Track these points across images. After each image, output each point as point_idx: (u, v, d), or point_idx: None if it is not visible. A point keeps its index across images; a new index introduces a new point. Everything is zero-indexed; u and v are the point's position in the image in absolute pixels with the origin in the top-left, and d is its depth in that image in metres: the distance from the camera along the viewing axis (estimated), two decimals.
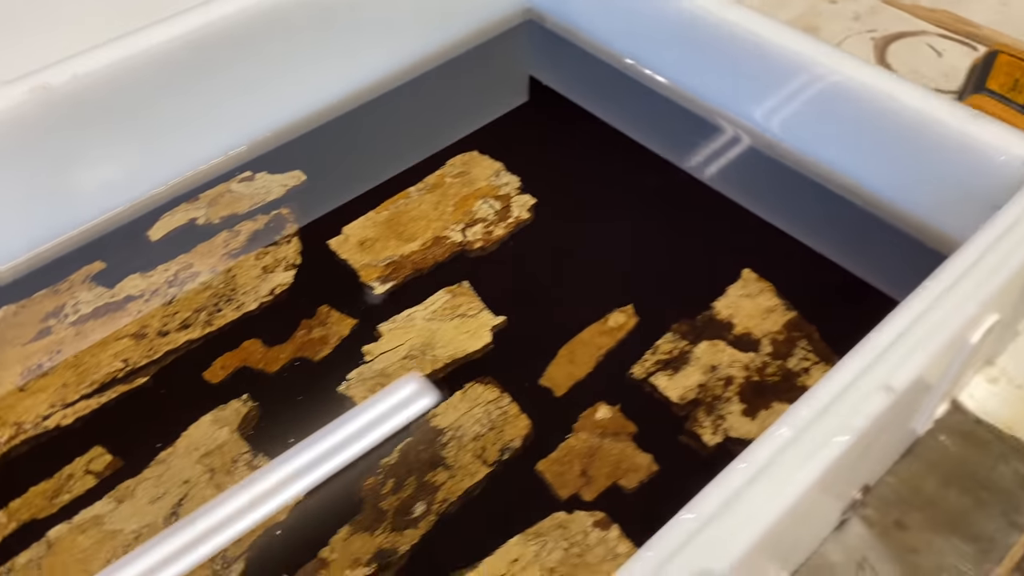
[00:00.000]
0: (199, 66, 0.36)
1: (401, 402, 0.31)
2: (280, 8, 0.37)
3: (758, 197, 0.38)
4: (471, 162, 0.40)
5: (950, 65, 0.51)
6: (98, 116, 0.34)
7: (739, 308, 0.33)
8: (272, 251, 0.36)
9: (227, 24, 0.36)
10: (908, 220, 0.36)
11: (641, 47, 0.42)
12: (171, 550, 0.27)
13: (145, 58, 0.35)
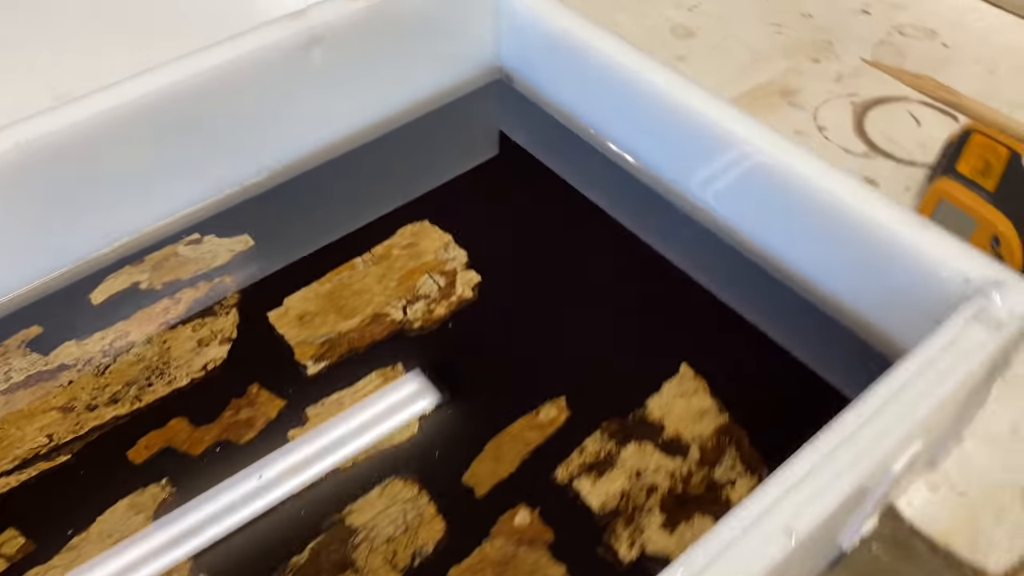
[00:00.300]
0: (149, 127, 0.36)
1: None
2: (238, 68, 0.37)
3: (708, 280, 0.37)
4: (421, 233, 0.39)
5: (928, 135, 0.50)
6: (43, 180, 0.34)
7: (672, 408, 0.33)
8: (210, 322, 0.36)
9: (185, 84, 0.36)
10: (852, 317, 0.35)
11: (597, 115, 0.42)
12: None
13: (93, 122, 0.34)
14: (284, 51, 0.38)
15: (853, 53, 0.56)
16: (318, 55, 0.39)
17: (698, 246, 0.39)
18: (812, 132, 0.50)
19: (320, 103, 0.41)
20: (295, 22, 0.38)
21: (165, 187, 0.38)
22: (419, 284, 0.37)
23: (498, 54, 0.46)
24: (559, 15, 0.41)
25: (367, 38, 0.40)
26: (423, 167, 0.43)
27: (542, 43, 0.43)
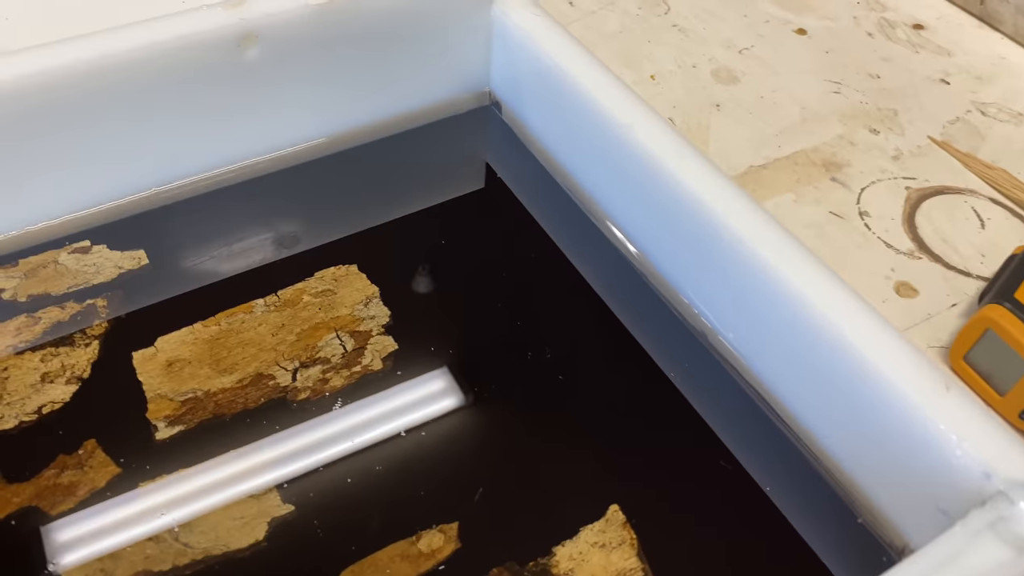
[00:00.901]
0: (47, 109, 0.30)
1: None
2: (157, 54, 0.31)
3: (687, 395, 0.30)
4: (344, 280, 0.33)
5: (991, 242, 0.42)
6: None
7: (584, 562, 0.26)
8: (64, 352, 0.30)
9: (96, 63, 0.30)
10: (850, 488, 0.27)
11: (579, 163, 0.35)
12: None
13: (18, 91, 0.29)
14: (213, 43, 0.32)
15: (920, 128, 0.48)
16: (253, 54, 0.33)
17: (678, 343, 0.32)
18: (852, 216, 0.42)
19: (255, 109, 0.34)
20: (229, 13, 0.32)
21: (61, 180, 0.33)
22: (322, 344, 0.31)
23: (488, 77, 0.39)
24: (555, 44, 0.34)
25: (317, 40, 0.34)
26: (376, 196, 0.37)
27: (533, 73, 0.36)
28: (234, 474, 0.27)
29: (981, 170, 0.46)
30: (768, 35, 0.53)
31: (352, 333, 0.31)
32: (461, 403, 0.30)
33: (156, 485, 0.27)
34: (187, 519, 0.26)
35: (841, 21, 0.54)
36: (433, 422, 0.29)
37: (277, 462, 0.28)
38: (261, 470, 0.27)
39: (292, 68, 0.34)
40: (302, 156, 0.37)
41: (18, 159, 0.31)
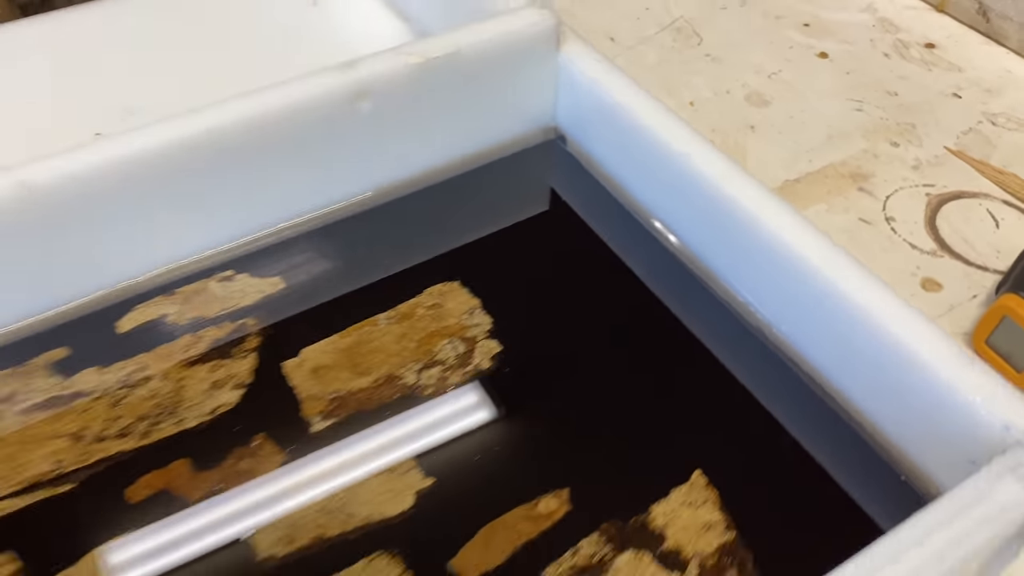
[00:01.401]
0: (194, 163, 0.37)
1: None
2: (288, 113, 0.37)
3: (743, 380, 0.36)
4: (448, 295, 0.39)
5: (1006, 239, 0.47)
6: (90, 206, 0.35)
7: (677, 517, 0.31)
8: (227, 365, 0.36)
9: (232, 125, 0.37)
10: (887, 444, 0.33)
11: (642, 188, 0.41)
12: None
13: (139, 157, 0.35)
14: (332, 101, 0.38)
15: (936, 140, 0.53)
16: (366, 107, 0.39)
17: (737, 340, 0.37)
18: (879, 222, 0.48)
19: (367, 152, 0.41)
20: (344, 74, 0.38)
21: (205, 221, 0.39)
22: (437, 349, 0.37)
23: (554, 114, 0.45)
24: (616, 86, 0.40)
25: (416, 93, 0.40)
26: (466, 221, 0.43)
27: (596, 111, 0.42)
28: (381, 455, 0.33)
29: (994, 175, 0.51)
30: (793, 60, 0.58)
31: (462, 339, 0.37)
32: (559, 391, 0.35)
33: (318, 468, 0.33)
34: (348, 494, 0.32)
35: (859, 44, 0.60)
36: (537, 406, 0.35)
37: (415, 443, 0.33)
38: (403, 451, 0.33)
39: (394, 117, 0.40)
40: (399, 191, 0.43)
41: (176, 204, 0.37)
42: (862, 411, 0.33)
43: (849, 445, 0.34)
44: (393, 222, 0.42)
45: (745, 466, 0.33)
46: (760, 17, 0.62)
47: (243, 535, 0.31)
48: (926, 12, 0.62)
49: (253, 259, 0.40)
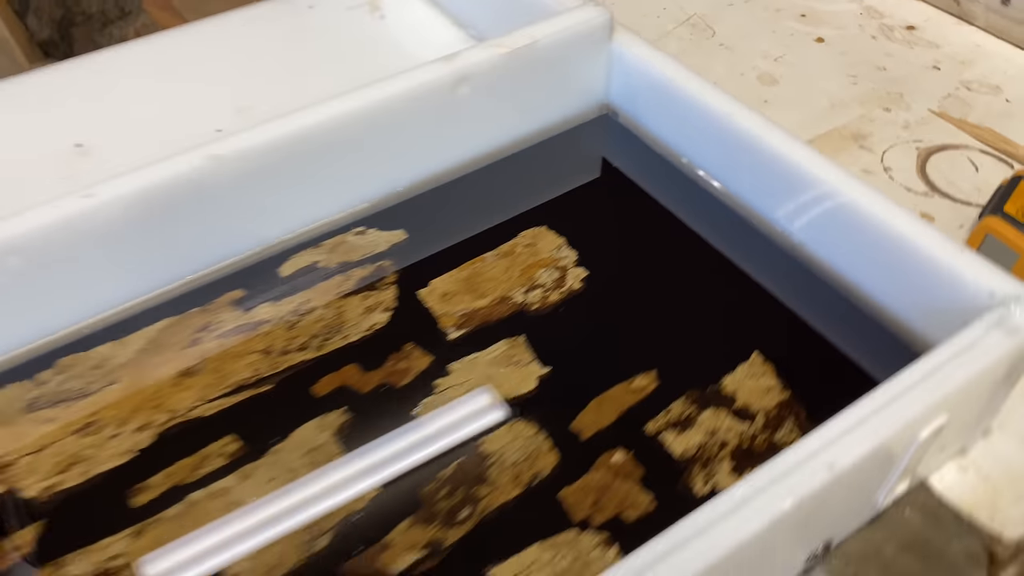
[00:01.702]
0: (327, 144, 0.46)
1: (474, 413, 0.40)
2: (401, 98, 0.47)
3: (778, 288, 0.45)
4: (539, 236, 0.48)
5: (984, 180, 0.57)
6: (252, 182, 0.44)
7: (743, 385, 0.41)
8: (374, 295, 0.45)
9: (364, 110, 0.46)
10: (897, 323, 0.42)
11: (693, 149, 0.50)
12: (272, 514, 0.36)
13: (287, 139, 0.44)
14: (439, 87, 0.47)
15: (922, 104, 0.63)
16: (465, 91, 0.48)
17: (773, 263, 0.46)
18: (879, 172, 0.58)
19: (463, 129, 0.50)
20: (449, 64, 0.47)
21: (340, 189, 0.48)
22: (537, 276, 0.46)
23: (608, 93, 0.55)
24: (663, 64, 0.50)
25: (503, 78, 0.49)
26: (539, 184, 0.52)
27: (647, 86, 0.51)
28: (509, 354, 0.42)
29: (971, 130, 0.61)
30: (794, 45, 0.68)
31: (556, 267, 0.46)
32: (640, 300, 0.44)
33: (459, 364, 0.42)
34: (490, 381, 0.41)
35: (849, 29, 0.70)
36: (624, 311, 0.44)
37: (534, 344, 0.42)
38: (526, 350, 0.42)
39: (485, 99, 0.50)
40: (485, 161, 0.52)
41: (317, 174, 0.46)
42: (880, 304, 0.43)
43: (867, 331, 0.43)
44: (482, 187, 0.51)
45: (791, 347, 0.43)
46: (762, 10, 0.72)
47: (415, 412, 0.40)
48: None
49: (378, 217, 0.49)
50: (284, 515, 0.37)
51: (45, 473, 0.38)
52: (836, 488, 0.33)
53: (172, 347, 0.43)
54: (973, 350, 0.36)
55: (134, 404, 0.40)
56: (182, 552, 0.36)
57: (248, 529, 0.36)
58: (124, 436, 0.39)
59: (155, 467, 0.38)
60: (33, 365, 0.42)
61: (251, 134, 0.44)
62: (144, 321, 0.44)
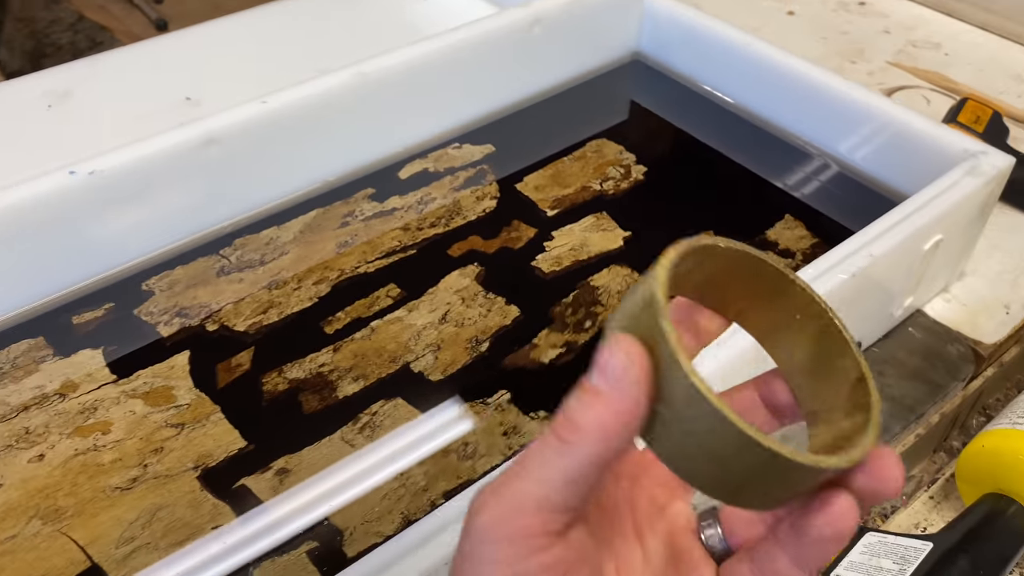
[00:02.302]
0: (431, 76, 0.57)
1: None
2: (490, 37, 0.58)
3: (794, 174, 0.58)
4: (603, 145, 0.60)
5: (935, 110, 0.71)
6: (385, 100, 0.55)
7: (781, 235, 0.53)
8: (480, 189, 0.56)
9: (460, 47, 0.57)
10: (896, 190, 0.55)
11: (718, 78, 0.63)
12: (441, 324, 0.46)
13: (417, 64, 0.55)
14: (518, 27, 0.59)
15: (879, 58, 0.77)
16: (538, 31, 0.60)
17: (787, 161, 0.59)
18: None
19: (533, 64, 0.62)
20: (526, 8, 0.59)
21: (439, 114, 0.59)
22: (607, 171, 0.57)
23: (639, 42, 0.67)
24: (689, 12, 0.63)
25: (565, 23, 0.61)
26: (594, 113, 0.64)
27: (677, 31, 0.64)
28: (597, 224, 0.53)
29: (922, 74, 0.75)
30: (771, 18, 0.82)
31: (620, 166, 0.58)
32: (694, 186, 0.56)
33: (559, 232, 0.53)
34: (587, 244, 0.52)
35: (814, 5, 0.84)
36: (683, 193, 0.56)
37: (614, 217, 0.54)
38: (609, 220, 0.53)
39: (546, 40, 0.61)
40: (539, 98, 0.64)
41: (426, 103, 0.57)
42: (871, 174, 0.56)
43: (869, 195, 0.55)
44: (547, 114, 0.63)
45: (812, 213, 0.55)
46: None
47: (534, 264, 0.51)
48: None
49: (469, 136, 0.60)
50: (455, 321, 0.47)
51: (248, 315, 0.48)
52: (870, 278, 0.45)
53: (326, 228, 0.53)
54: (956, 186, 0.49)
55: (307, 267, 0.50)
56: None
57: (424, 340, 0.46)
58: (305, 288, 0.49)
59: (337, 307, 0.48)
60: (215, 244, 0.51)
61: (376, 63, 0.54)
62: (297, 212, 0.54)
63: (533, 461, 0.21)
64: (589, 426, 0.21)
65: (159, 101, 0.64)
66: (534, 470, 0.21)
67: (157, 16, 2.05)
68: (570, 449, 0.21)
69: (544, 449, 0.21)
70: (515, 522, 0.21)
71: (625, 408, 0.20)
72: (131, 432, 0.42)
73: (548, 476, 0.21)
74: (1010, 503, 0.42)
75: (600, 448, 0.21)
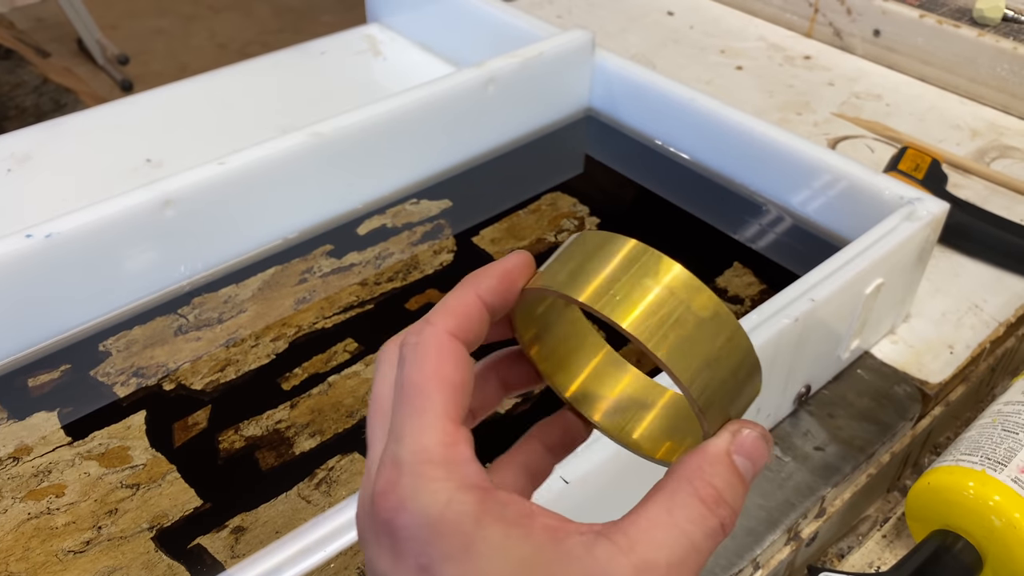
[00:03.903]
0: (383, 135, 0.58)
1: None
2: (444, 96, 0.60)
3: (735, 228, 0.59)
4: (557, 198, 0.61)
5: (879, 158, 0.74)
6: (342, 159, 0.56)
7: (731, 282, 0.54)
8: (438, 243, 0.57)
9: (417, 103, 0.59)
10: (838, 236, 0.57)
11: (666, 132, 0.65)
12: None
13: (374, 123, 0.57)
14: (473, 86, 0.61)
15: (824, 109, 0.80)
16: (492, 90, 0.62)
17: (736, 210, 0.61)
18: None
19: (487, 122, 0.63)
20: (480, 69, 0.61)
21: (398, 171, 0.60)
22: (561, 224, 0.59)
23: (590, 98, 0.69)
24: (637, 70, 0.65)
25: (518, 81, 0.63)
26: (548, 166, 0.65)
27: (624, 88, 0.66)
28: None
29: (865, 124, 0.78)
30: (721, 73, 0.85)
31: (574, 217, 0.59)
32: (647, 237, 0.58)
33: None
34: None
35: (760, 60, 0.88)
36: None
37: None
38: None
39: (501, 98, 0.63)
40: (501, 151, 0.66)
41: (384, 161, 0.58)
42: (817, 222, 0.58)
43: (812, 239, 0.57)
44: (502, 170, 0.65)
45: (759, 260, 0.57)
46: (691, 48, 0.89)
47: None
48: (800, 37, 0.91)
49: (426, 192, 0.61)
50: None
51: (205, 373, 0.48)
52: (814, 321, 0.46)
53: (284, 285, 0.53)
54: (894, 232, 0.51)
55: (265, 324, 0.51)
56: None
57: None
58: (263, 345, 0.50)
59: (294, 363, 0.49)
60: (173, 303, 0.52)
61: (332, 123, 0.56)
62: (256, 270, 0.54)
63: (401, 413, 0.22)
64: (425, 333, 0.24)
65: (120, 164, 0.65)
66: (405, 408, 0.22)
67: (123, 78, 2.06)
68: (418, 351, 0.23)
69: (400, 400, 0.22)
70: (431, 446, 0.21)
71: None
72: (85, 494, 0.42)
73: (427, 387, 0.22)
74: (957, 539, 0.43)
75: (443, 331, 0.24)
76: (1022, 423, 0.46)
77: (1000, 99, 0.79)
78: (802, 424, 0.51)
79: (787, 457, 0.49)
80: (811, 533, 0.48)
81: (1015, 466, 0.43)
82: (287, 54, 0.80)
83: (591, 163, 0.66)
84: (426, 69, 0.79)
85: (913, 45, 0.83)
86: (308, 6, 2.53)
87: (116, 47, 2.10)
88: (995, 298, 0.59)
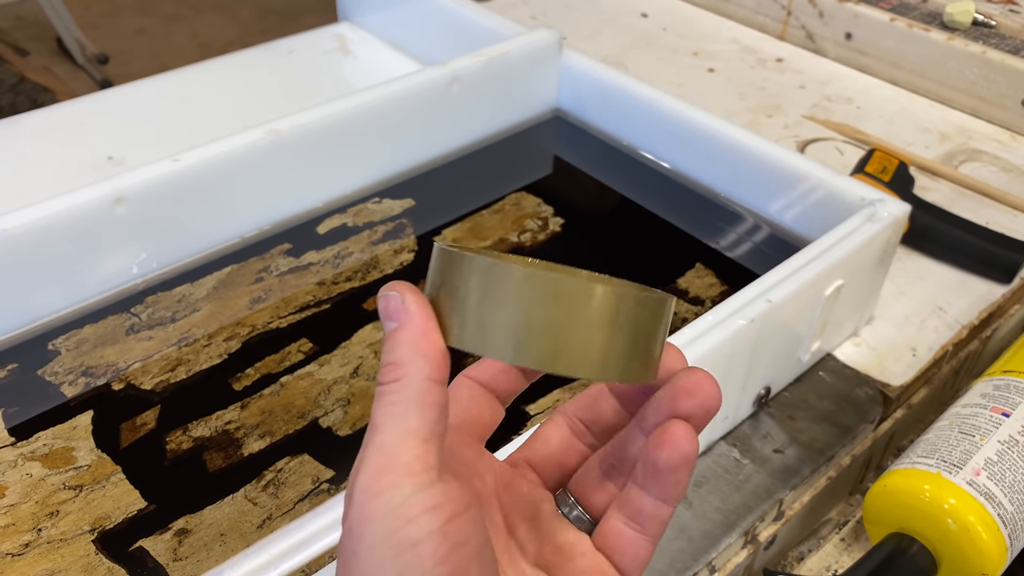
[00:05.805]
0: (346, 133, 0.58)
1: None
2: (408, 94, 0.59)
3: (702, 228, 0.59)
4: (522, 198, 0.61)
5: (848, 161, 0.74)
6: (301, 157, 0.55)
7: (692, 283, 0.54)
8: (399, 243, 0.56)
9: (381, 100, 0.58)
10: (800, 237, 0.56)
11: (633, 133, 0.64)
12: None
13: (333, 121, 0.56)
14: (437, 85, 0.60)
15: (795, 112, 0.80)
16: (456, 89, 0.61)
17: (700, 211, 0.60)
18: None
19: (451, 121, 0.63)
20: (444, 67, 0.61)
21: (359, 169, 0.59)
22: (525, 224, 0.58)
23: (558, 98, 0.69)
24: (605, 71, 0.64)
25: (483, 81, 0.63)
26: (514, 166, 0.65)
27: (592, 89, 0.66)
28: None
29: (834, 127, 0.78)
30: (692, 75, 0.85)
31: (538, 218, 0.59)
32: (606, 237, 0.57)
33: None
34: None
35: (732, 62, 0.88)
36: (595, 245, 0.57)
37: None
38: None
39: (466, 97, 0.63)
40: (466, 150, 0.65)
41: (344, 159, 0.58)
42: (780, 223, 0.57)
43: (776, 240, 0.57)
44: (467, 169, 0.64)
45: (722, 261, 0.56)
46: (664, 50, 0.89)
47: None
48: (772, 40, 0.91)
49: (389, 191, 0.61)
50: None
51: (155, 373, 0.47)
52: (772, 323, 0.46)
53: (240, 284, 0.53)
54: (854, 233, 0.51)
55: (219, 323, 0.50)
56: None
57: None
58: (215, 345, 0.49)
59: (247, 363, 0.48)
60: (126, 302, 0.51)
61: (290, 120, 0.55)
62: (211, 269, 0.53)
63: (381, 417, 0.22)
64: (407, 354, 0.22)
65: (81, 161, 0.64)
66: (387, 420, 0.22)
67: (102, 77, 2.05)
68: (405, 383, 0.22)
69: (382, 402, 0.22)
70: (392, 467, 0.21)
71: (422, 319, 0.23)
72: (26, 496, 0.41)
73: (401, 412, 0.22)
74: (912, 542, 0.42)
75: (428, 367, 0.22)
76: (979, 426, 0.46)
77: (969, 103, 0.80)
78: (762, 426, 0.50)
79: (746, 459, 0.48)
80: (769, 536, 0.47)
81: (970, 469, 0.43)
82: (255, 52, 0.79)
83: (560, 164, 0.66)
84: (396, 68, 0.78)
85: (884, 48, 0.83)
86: (291, 7, 2.52)
87: (96, 46, 2.09)
88: (959, 300, 0.59)
